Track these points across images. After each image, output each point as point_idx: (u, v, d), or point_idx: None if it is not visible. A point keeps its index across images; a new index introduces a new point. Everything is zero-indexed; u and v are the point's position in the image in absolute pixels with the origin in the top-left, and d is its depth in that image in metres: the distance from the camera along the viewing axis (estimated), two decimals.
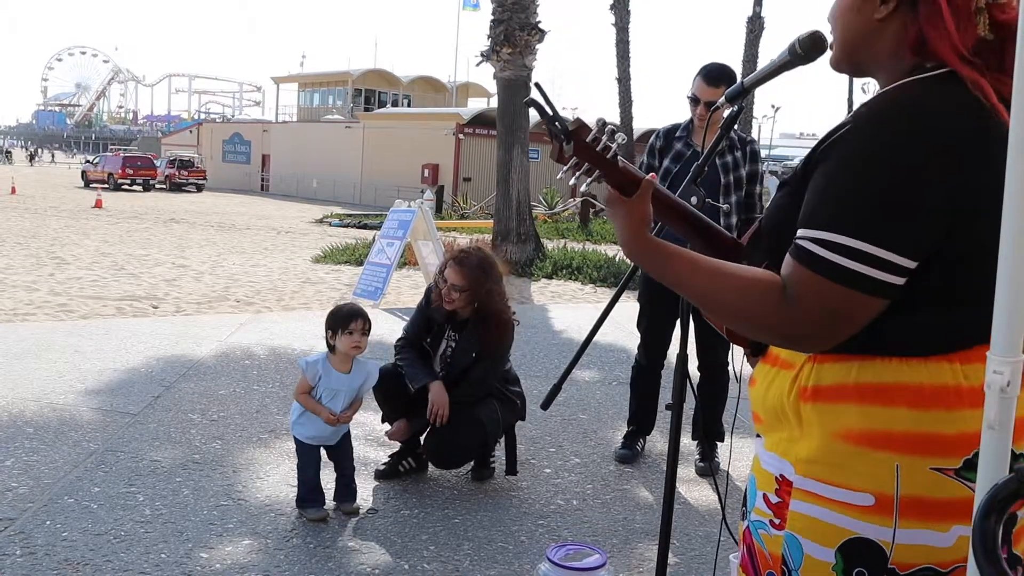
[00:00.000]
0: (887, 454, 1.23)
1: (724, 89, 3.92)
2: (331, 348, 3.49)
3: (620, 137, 1.37)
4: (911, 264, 1.21)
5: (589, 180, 1.39)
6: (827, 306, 1.22)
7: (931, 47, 1.26)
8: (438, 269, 3.94)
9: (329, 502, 3.54)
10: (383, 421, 4.03)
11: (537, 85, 1.41)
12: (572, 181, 1.38)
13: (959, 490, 1.22)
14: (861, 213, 1.21)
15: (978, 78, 1.22)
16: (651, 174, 1.41)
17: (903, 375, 1.24)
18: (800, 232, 1.25)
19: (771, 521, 1.37)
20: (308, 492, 3.48)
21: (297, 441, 3.52)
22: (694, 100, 4.04)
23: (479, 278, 3.76)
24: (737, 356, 1.75)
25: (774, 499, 1.37)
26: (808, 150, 1.36)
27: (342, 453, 3.57)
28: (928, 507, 1.23)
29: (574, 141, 1.34)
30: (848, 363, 1.27)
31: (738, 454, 4.34)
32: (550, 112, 1.36)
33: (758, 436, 1.44)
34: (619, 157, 1.37)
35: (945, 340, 1.24)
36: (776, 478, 1.36)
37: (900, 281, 1.21)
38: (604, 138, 1.35)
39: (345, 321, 3.43)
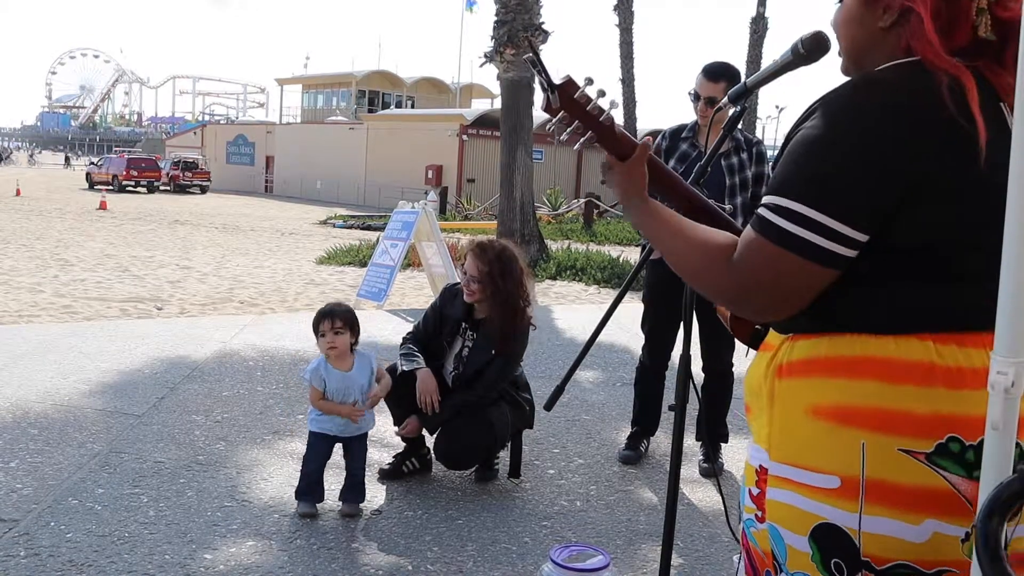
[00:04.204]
0: (854, 431, 1.21)
1: (724, 84, 3.93)
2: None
3: (610, 102, 1.37)
4: (859, 236, 1.21)
5: (582, 140, 1.39)
6: (767, 267, 1.23)
7: (917, 55, 1.27)
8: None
9: (335, 503, 3.54)
10: (395, 424, 4.03)
11: (528, 39, 1.41)
12: (563, 136, 1.39)
13: (931, 478, 1.19)
14: (804, 178, 1.23)
15: (960, 72, 1.22)
16: (647, 138, 1.42)
17: (873, 349, 1.23)
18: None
19: (756, 515, 1.36)
20: (307, 486, 3.50)
21: (311, 434, 3.54)
22: (695, 96, 4.05)
23: (495, 270, 3.75)
24: (740, 357, 1.75)
25: (755, 491, 1.36)
26: None
27: (356, 452, 3.57)
28: (895, 493, 1.19)
29: (560, 96, 1.35)
30: (820, 339, 1.27)
31: (743, 455, 4.33)
32: (540, 64, 1.36)
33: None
34: (614, 122, 1.38)
35: (917, 319, 1.23)
36: (756, 469, 1.36)
37: (847, 252, 1.21)
38: (595, 98, 1.36)
39: (316, 325, 3.52)
